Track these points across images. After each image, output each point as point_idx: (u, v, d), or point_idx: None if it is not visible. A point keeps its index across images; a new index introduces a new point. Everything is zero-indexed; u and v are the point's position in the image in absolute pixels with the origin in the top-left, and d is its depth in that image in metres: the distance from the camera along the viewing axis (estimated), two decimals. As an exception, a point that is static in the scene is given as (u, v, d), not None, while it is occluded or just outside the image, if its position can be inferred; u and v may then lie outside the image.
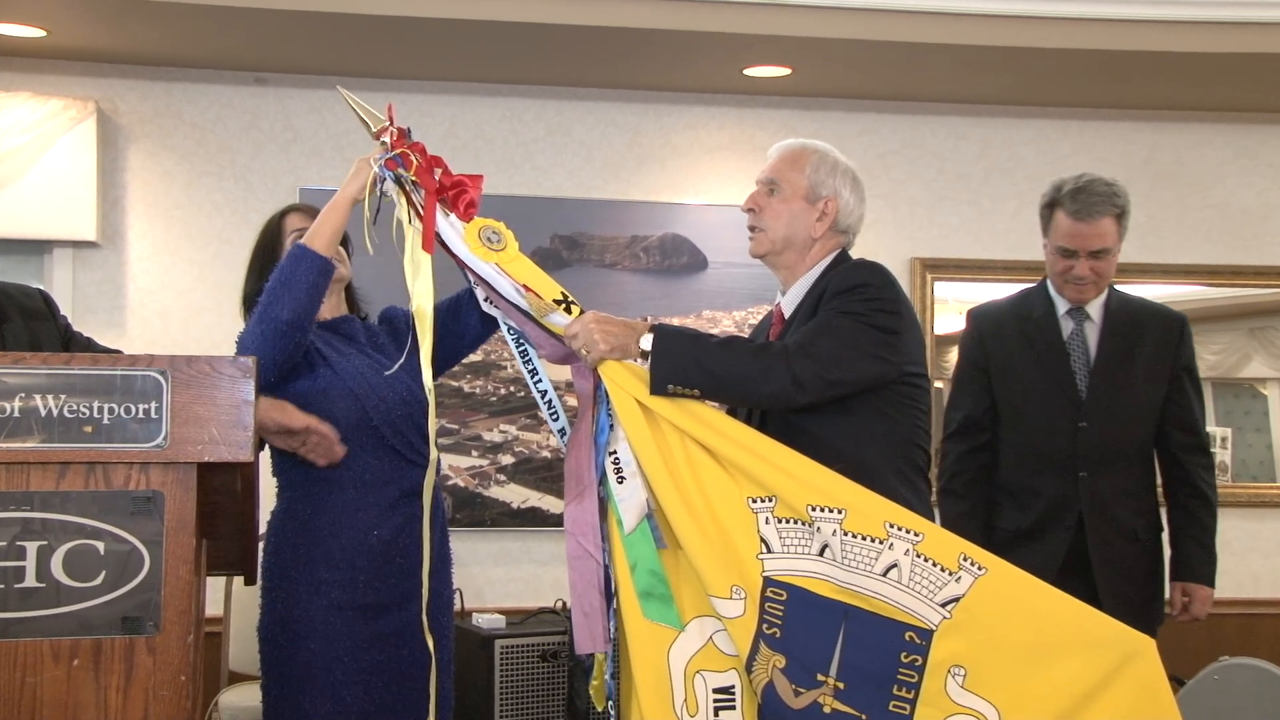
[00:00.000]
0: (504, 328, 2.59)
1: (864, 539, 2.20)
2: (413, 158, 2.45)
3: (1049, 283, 3.33)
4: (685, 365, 2.32)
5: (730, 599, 2.25)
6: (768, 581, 2.25)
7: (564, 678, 4.14)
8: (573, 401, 2.56)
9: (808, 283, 2.57)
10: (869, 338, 2.39)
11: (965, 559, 2.17)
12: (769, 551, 2.26)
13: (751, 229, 2.64)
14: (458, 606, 4.36)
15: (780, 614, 2.23)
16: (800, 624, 2.22)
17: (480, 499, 4.79)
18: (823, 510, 2.22)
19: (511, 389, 4.79)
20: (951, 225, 5.18)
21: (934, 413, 2.66)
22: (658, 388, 2.33)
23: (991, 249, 5.15)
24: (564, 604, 4.40)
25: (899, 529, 2.20)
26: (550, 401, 2.59)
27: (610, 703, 2.39)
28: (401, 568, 2.62)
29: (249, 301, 2.71)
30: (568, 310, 2.43)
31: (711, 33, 4.29)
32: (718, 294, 4.96)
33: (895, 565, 2.18)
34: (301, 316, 2.48)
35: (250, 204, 4.72)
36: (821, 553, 2.23)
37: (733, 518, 2.28)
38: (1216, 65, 4.59)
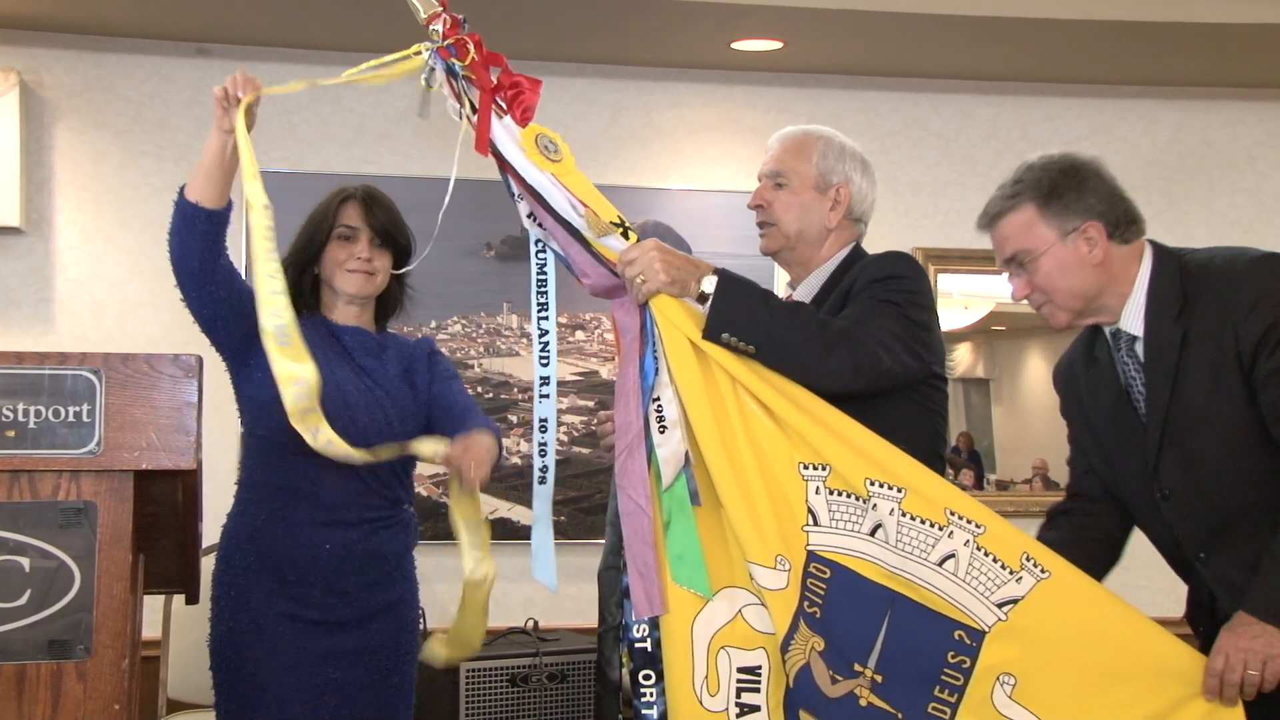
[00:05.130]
0: (532, 248, 2.55)
1: (922, 523, 2.19)
2: (469, 48, 2.41)
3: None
4: (746, 317, 2.27)
5: (775, 569, 2.23)
6: (811, 556, 2.23)
7: (537, 699, 4.14)
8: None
9: (822, 276, 2.58)
10: (909, 330, 2.39)
11: (1028, 558, 2.16)
12: (815, 524, 2.24)
13: (761, 225, 2.64)
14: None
15: (822, 593, 2.22)
16: (842, 607, 2.20)
17: (444, 510, 4.76)
18: (882, 487, 2.21)
19: (479, 390, 4.78)
20: (958, 212, 5.18)
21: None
22: (711, 333, 2.26)
23: (1001, 238, 5.16)
24: (536, 624, 4.39)
25: (961, 518, 2.18)
26: (546, 344, 2.51)
27: (645, 674, 2.31)
28: (359, 584, 2.65)
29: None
30: (624, 235, 2.38)
31: (697, 2, 4.30)
32: (703, 286, 4.96)
33: (953, 555, 2.17)
34: (181, 267, 2.70)
35: (191, 187, 4.70)
36: (873, 533, 2.21)
37: (783, 480, 2.25)
38: (1250, 37, 4.61)
